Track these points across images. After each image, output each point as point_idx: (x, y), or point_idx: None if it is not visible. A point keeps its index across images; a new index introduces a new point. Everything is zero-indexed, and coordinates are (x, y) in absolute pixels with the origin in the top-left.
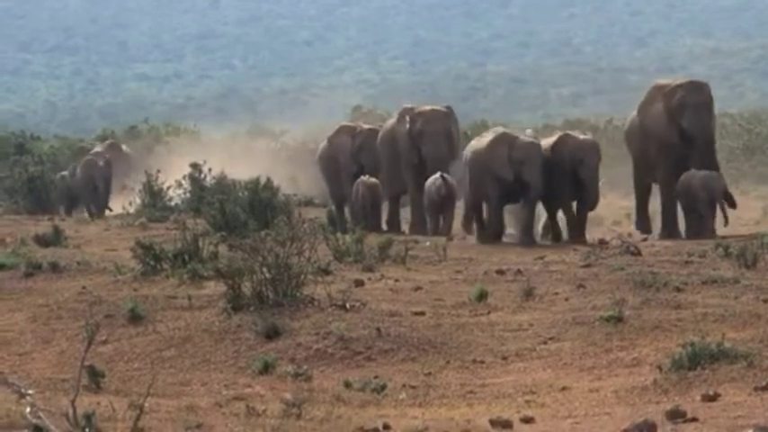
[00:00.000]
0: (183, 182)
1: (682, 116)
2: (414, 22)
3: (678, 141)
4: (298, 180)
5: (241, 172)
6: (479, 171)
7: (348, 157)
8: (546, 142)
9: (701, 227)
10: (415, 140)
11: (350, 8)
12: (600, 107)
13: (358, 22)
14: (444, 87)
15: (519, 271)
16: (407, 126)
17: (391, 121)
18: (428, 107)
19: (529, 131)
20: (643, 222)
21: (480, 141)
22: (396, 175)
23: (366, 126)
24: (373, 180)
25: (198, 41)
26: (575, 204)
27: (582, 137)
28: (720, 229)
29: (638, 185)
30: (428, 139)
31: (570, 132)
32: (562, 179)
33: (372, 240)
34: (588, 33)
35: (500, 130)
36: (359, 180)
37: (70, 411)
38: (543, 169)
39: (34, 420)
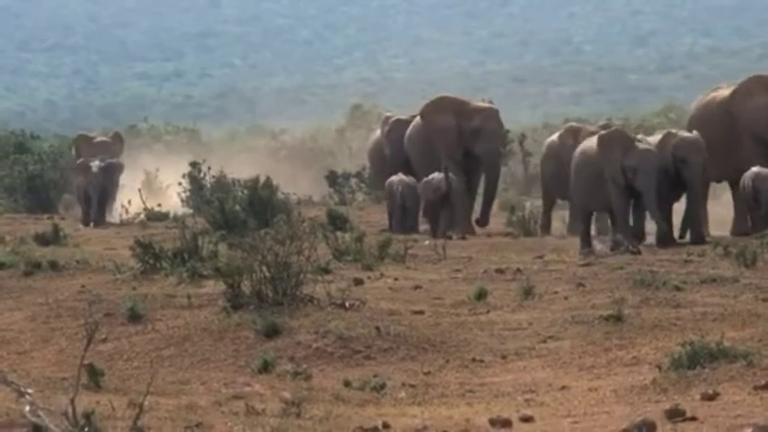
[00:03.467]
0: (183, 180)
1: None
2: (414, 20)
3: None
4: (297, 179)
5: (240, 171)
6: (592, 175)
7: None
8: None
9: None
10: (467, 137)
11: (350, 7)
12: (600, 106)
13: (358, 21)
14: (444, 86)
15: (518, 270)
16: (455, 121)
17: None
18: (482, 103)
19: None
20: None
21: (587, 143)
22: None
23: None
24: (411, 178)
25: (198, 40)
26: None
27: (685, 134)
28: (720, 228)
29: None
30: (485, 136)
31: (673, 130)
32: (665, 179)
33: (372, 239)
34: (588, 32)
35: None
36: (396, 178)
37: (69, 410)
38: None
39: (33, 419)
